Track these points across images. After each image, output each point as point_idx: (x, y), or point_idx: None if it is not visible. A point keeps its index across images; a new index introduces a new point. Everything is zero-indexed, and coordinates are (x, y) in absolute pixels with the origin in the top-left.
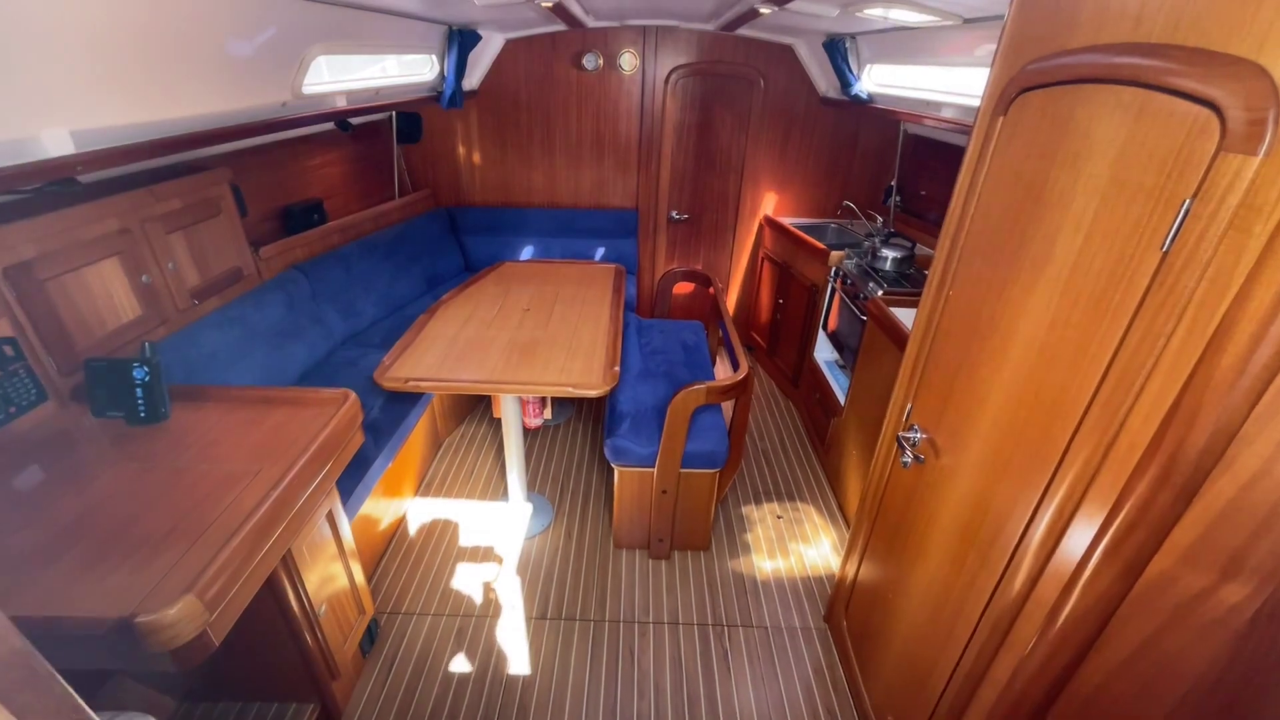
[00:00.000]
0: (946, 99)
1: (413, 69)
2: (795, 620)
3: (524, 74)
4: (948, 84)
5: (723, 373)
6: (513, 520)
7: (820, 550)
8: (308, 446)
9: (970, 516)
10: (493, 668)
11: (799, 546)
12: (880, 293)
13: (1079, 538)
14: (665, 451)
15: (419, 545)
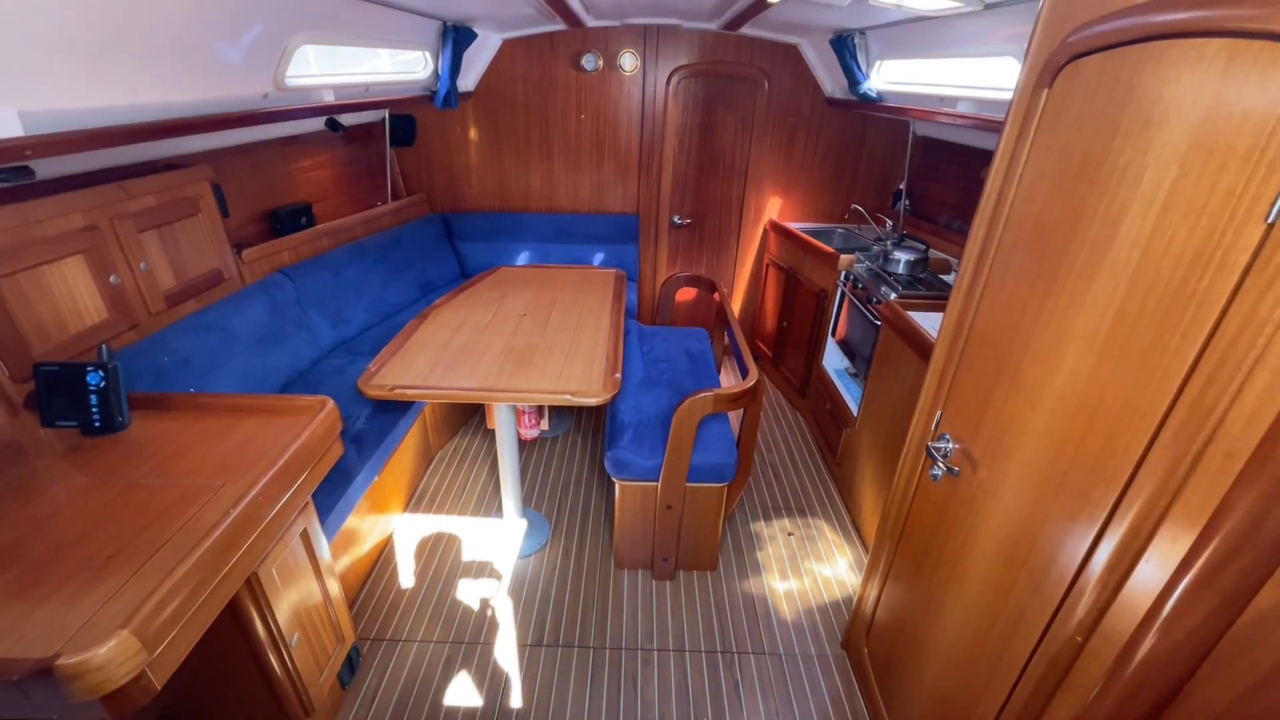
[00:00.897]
0: (963, 93)
1: (406, 66)
2: (811, 647)
3: (522, 75)
4: (964, 77)
5: (729, 381)
6: (507, 538)
7: (836, 570)
8: (277, 459)
9: (1018, 536)
10: (484, 700)
11: (813, 566)
12: (894, 296)
13: (1159, 563)
14: (670, 464)
15: (406, 566)
